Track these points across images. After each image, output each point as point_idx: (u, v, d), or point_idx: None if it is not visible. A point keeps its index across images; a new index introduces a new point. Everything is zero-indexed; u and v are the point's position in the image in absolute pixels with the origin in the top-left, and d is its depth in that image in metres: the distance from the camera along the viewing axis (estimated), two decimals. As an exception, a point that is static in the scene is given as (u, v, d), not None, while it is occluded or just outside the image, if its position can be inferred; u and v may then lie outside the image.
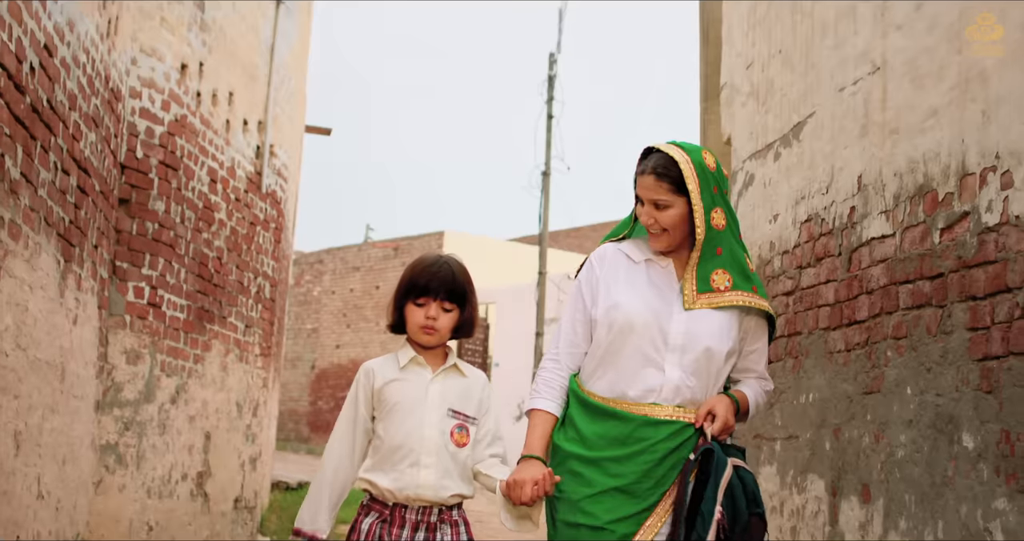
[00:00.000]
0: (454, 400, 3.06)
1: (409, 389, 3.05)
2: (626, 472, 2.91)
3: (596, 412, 2.99)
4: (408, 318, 3.08)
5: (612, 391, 2.99)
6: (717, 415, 2.91)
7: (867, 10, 4.54)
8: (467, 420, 3.06)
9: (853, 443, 4.49)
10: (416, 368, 3.08)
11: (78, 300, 5.39)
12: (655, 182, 2.95)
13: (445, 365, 3.11)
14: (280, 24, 8.86)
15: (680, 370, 2.95)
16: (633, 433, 2.92)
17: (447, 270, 3.07)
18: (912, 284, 4.07)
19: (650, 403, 2.95)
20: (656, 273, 3.06)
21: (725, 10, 6.56)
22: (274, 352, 9.39)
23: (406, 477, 2.95)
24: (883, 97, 4.37)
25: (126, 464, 6.34)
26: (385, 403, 3.04)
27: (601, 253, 3.15)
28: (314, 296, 27.04)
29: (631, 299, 3.01)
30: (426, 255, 3.18)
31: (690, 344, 2.96)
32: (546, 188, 20.43)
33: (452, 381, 3.10)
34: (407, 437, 2.98)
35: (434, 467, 2.97)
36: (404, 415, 3.01)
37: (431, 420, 3.01)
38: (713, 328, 2.98)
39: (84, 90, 5.23)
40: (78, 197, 5.22)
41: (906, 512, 4.00)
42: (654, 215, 2.98)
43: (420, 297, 3.04)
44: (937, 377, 3.83)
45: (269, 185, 8.74)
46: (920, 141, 4.05)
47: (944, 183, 3.85)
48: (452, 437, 3.01)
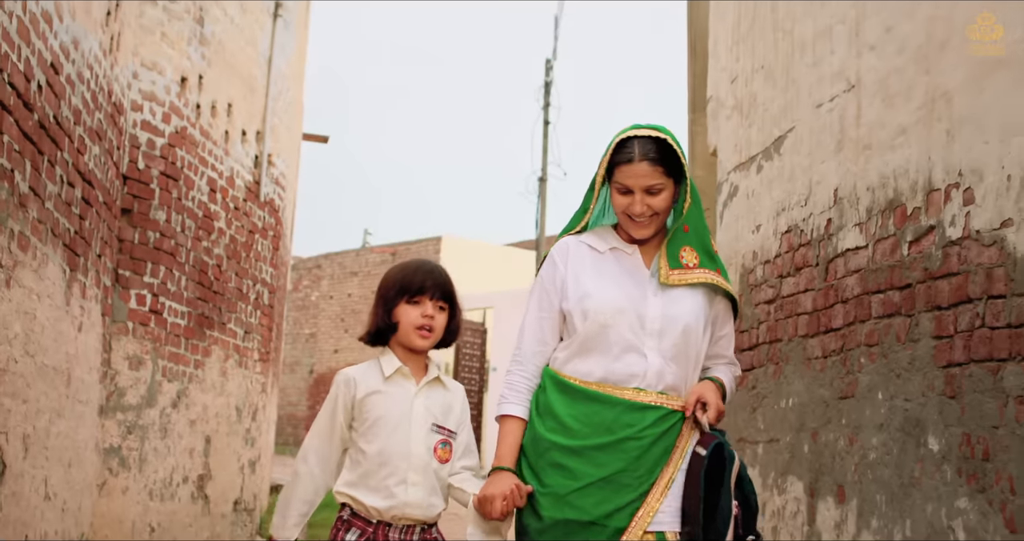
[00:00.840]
0: (438, 414, 2.98)
1: (394, 402, 2.94)
2: (612, 461, 2.81)
3: (577, 395, 2.89)
4: (401, 319, 2.97)
5: (593, 374, 2.89)
6: (709, 403, 2.84)
7: (842, 31, 4.73)
8: (450, 435, 2.98)
9: (829, 446, 4.68)
10: (400, 380, 2.98)
11: (83, 308, 5.55)
12: (650, 168, 2.86)
13: (428, 377, 3.01)
14: (277, 36, 9.04)
15: (660, 355, 2.87)
16: (619, 418, 2.83)
17: (440, 269, 3.04)
18: (883, 294, 4.25)
19: (634, 388, 2.86)
20: (623, 260, 2.99)
21: (711, 25, 6.75)
22: (273, 357, 9.55)
23: (395, 496, 2.87)
24: (857, 114, 4.56)
25: (129, 467, 6.50)
26: (367, 416, 2.94)
27: (562, 247, 3.06)
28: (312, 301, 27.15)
29: (603, 286, 2.93)
30: (410, 260, 3.12)
31: (668, 327, 2.88)
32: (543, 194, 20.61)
33: (435, 394, 3.01)
34: (393, 454, 2.89)
35: (421, 485, 2.89)
36: (390, 430, 2.91)
37: (418, 436, 2.92)
38: (687, 308, 2.91)
39: (88, 105, 5.39)
40: (82, 208, 5.38)
41: (877, 512, 4.18)
42: (648, 202, 2.89)
43: (416, 296, 2.96)
44: (905, 383, 4.02)
45: (267, 194, 8.91)
46: (890, 157, 4.23)
47: (912, 198, 4.03)
48: (436, 453, 2.94)
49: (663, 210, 2.92)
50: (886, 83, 4.30)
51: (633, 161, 2.87)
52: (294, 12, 9.67)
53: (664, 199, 2.90)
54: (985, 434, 3.46)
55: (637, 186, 2.87)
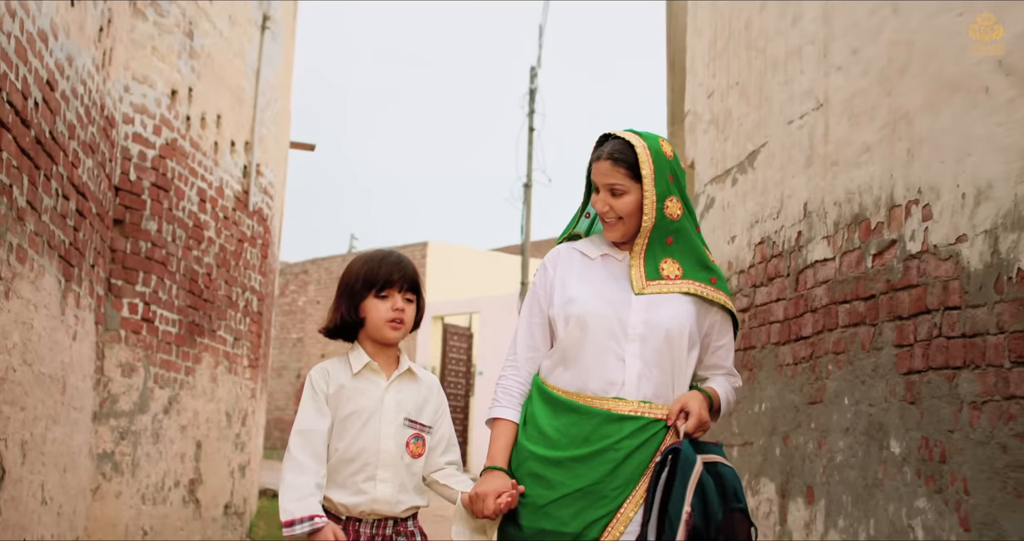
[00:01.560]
0: (410, 409, 2.91)
1: (363, 398, 2.88)
2: (589, 472, 2.79)
3: (558, 406, 2.87)
4: (370, 314, 2.90)
5: (573, 384, 2.87)
6: (691, 412, 2.79)
7: (812, 51, 4.91)
8: (423, 429, 2.92)
9: (799, 449, 4.87)
10: (370, 375, 2.92)
11: (77, 317, 5.70)
12: (611, 167, 2.88)
13: (399, 371, 2.95)
14: (265, 48, 9.20)
15: (641, 361, 2.84)
16: (596, 430, 2.80)
17: (406, 259, 2.96)
18: (849, 304, 4.44)
19: (613, 397, 2.83)
20: (612, 266, 2.97)
21: (689, 41, 6.94)
22: (261, 363, 9.70)
23: (363, 492, 2.81)
24: (825, 132, 4.75)
25: (122, 472, 6.65)
26: (338, 411, 2.88)
27: (554, 254, 3.06)
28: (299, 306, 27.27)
29: (586, 292, 2.92)
30: (369, 251, 3.04)
31: (649, 333, 2.85)
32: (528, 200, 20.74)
33: (407, 387, 2.94)
34: (363, 450, 2.83)
35: (391, 481, 2.83)
36: (360, 426, 2.84)
37: (388, 431, 2.86)
38: (671, 313, 2.87)
39: (82, 119, 5.54)
40: (77, 220, 5.53)
41: (843, 512, 4.37)
42: (609, 202, 2.89)
43: (384, 289, 2.89)
44: (870, 389, 4.21)
45: (256, 203, 9.06)
46: (856, 174, 4.42)
47: (876, 213, 4.23)
48: (408, 448, 2.87)
49: (628, 215, 2.89)
50: (852, 103, 4.49)
51: (600, 158, 2.91)
52: (281, 24, 9.82)
53: (627, 203, 2.88)
54: (942, 438, 3.65)
55: (601, 183, 2.90)
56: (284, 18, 10.03)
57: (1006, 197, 3.34)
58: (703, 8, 6.64)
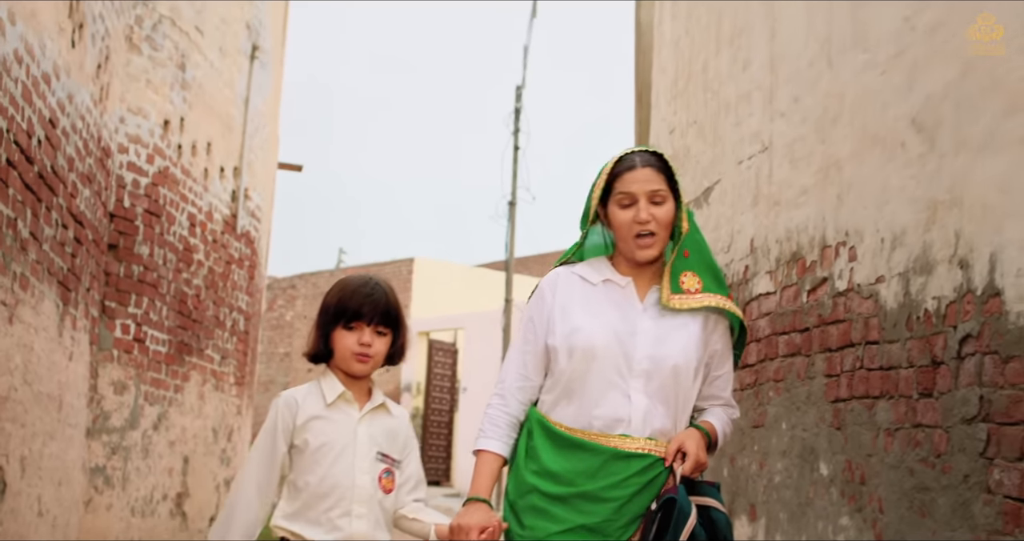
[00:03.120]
0: (382, 442, 2.83)
1: (335, 429, 2.79)
2: (596, 510, 2.71)
3: (562, 443, 2.78)
4: (337, 344, 2.82)
5: (578, 421, 2.78)
6: (688, 453, 2.70)
7: (759, 97, 5.30)
8: (393, 464, 2.84)
9: (744, 470, 5.24)
10: (343, 405, 2.83)
11: (73, 338, 6.03)
12: (654, 174, 2.80)
13: (373, 403, 2.87)
14: (254, 77, 9.55)
15: (647, 397, 2.76)
16: (603, 467, 2.73)
17: (380, 292, 2.84)
18: (787, 335, 4.82)
19: (620, 435, 2.75)
20: (615, 293, 2.87)
21: (654, 78, 7.33)
22: (247, 380, 10.02)
23: (339, 529, 2.72)
24: (769, 173, 5.13)
25: (113, 485, 6.97)
26: (307, 443, 2.78)
27: (552, 279, 2.94)
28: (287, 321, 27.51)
29: (591, 322, 2.81)
30: (352, 277, 2.93)
31: (655, 368, 2.77)
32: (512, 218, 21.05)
33: (379, 420, 2.86)
34: (336, 484, 2.74)
35: (366, 517, 2.75)
36: (333, 458, 2.75)
37: (362, 466, 2.77)
38: (679, 347, 2.79)
39: (80, 152, 5.87)
40: (74, 247, 5.85)
41: (780, 528, 4.74)
42: (652, 212, 2.78)
43: (352, 321, 2.80)
44: (803, 415, 4.58)
45: (244, 226, 9.42)
46: (794, 214, 4.80)
47: (811, 252, 4.61)
48: (380, 483, 2.79)
49: (666, 224, 2.81)
50: (792, 148, 4.87)
51: (635, 167, 2.80)
52: (270, 53, 10.19)
53: (667, 212, 2.80)
54: (862, 461, 4.03)
55: (641, 191, 2.78)
56: (273, 47, 10.40)
57: (916, 243, 3.71)
58: (667, 47, 7.04)
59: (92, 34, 5.99)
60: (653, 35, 7.34)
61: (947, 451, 3.41)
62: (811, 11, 4.73)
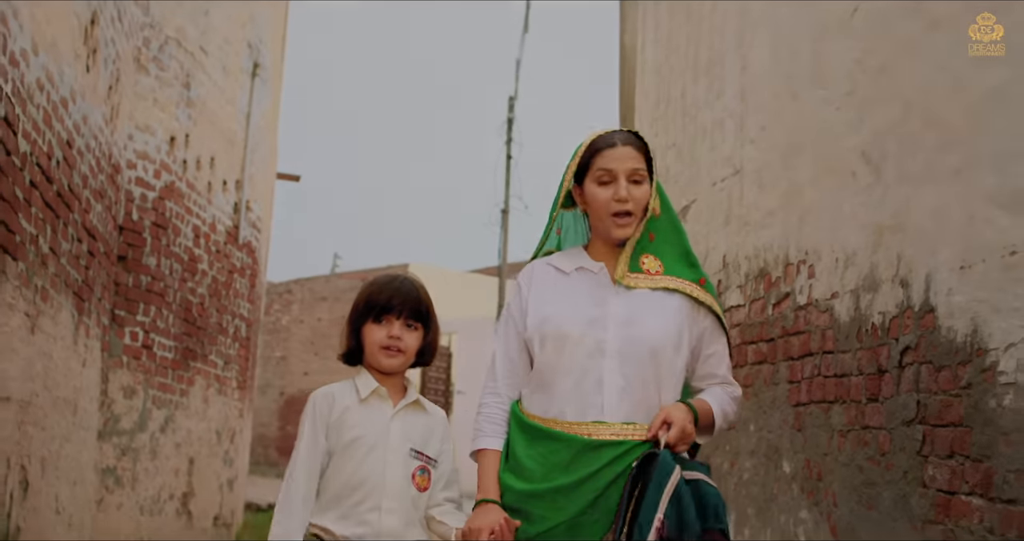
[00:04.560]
0: (416, 439, 2.79)
1: (368, 424, 2.75)
2: (570, 505, 2.64)
3: (534, 435, 2.72)
4: (367, 339, 2.79)
5: (550, 410, 2.72)
6: (673, 422, 2.61)
7: (732, 123, 5.68)
8: (429, 462, 2.80)
9: (717, 468, 5.61)
10: (377, 401, 2.79)
11: (86, 346, 6.37)
12: (634, 152, 2.75)
13: (407, 400, 2.82)
14: (255, 93, 9.90)
15: (622, 378, 2.69)
16: (576, 458, 2.65)
17: (409, 286, 2.82)
18: (755, 345, 5.21)
19: (592, 421, 2.67)
20: (588, 279, 2.82)
21: (637, 101, 7.70)
22: (249, 384, 10.36)
23: (368, 523, 2.67)
24: (740, 195, 5.51)
25: (123, 485, 7.31)
26: (341, 436, 2.73)
27: (528, 272, 2.91)
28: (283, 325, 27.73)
29: (561, 310, 2.77)
30: (381, 275, 2.90)
31: (630, 348, 2.70)
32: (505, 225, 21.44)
33: (414, 418, 2.82)
34: (366, 479, 2.70)
35: (397, 513, 2.69)
36: (365, 453, 2.71)
37: (394, 460, 2.73)
38: (653, 327, 2.73)
39: (93, 170, 6.20)
40: (88, 260, 6.18)
41: (749, 522, 5.13)
42: (631, 191, 2.73)
43: (381, 315, 2.78)
44: (769, 418, 4.97)
45: (245, 236, 9.77)
46: (762, 234, 5.18)
47: (776, 269, 4.99)
48: (414, 480, 2.75)
49: (643, 205, 2.76)
50: (760, 173, 5.25)
51: (616, 145, 2.74)
52: (270, 69, 10.55)
53: (644, 192, 2.75)
54: (819, 460, 4.41)
55: (621, 169, 2.73)
56: (273, 63, 10.75)
57: (865, 264, 4.10)
58: (648, 73, 7.42)
59: (104, 58, 6.32)
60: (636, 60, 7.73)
61: (890, 450, 3.79)
62: (776, 47, 5.12)
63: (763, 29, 5.31)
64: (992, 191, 3.27)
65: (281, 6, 11.53)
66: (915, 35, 3.80)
